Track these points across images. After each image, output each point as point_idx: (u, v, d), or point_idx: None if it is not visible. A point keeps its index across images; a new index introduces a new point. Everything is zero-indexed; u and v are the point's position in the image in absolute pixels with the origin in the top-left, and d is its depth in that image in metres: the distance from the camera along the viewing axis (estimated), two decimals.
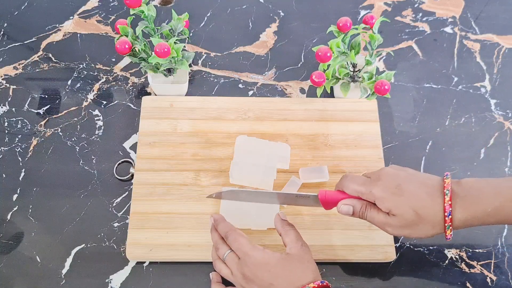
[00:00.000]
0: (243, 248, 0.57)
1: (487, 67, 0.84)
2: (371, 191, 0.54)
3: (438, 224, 0.52)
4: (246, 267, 0.56)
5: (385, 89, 0.70)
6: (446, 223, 0.52)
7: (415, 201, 0.52)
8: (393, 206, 0.53)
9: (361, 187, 0.55)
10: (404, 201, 0.52)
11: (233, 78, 0.82)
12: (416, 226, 0.53)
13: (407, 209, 0.52)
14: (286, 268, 0.55)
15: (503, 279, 0.66)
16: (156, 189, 0.69)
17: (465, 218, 0.51)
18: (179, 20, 0.73)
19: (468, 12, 0.91)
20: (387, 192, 0.53)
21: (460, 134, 0.78)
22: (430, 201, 0.52)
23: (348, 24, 0.72)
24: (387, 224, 0.54)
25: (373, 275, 0.66)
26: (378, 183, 0.55)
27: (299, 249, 0.57)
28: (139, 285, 0.65)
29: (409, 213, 0.52)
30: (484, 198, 0.51)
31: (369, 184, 0.55)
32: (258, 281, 0.55)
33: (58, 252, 0.67)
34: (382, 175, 0.55)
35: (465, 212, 0.51)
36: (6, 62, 0.82)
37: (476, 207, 0.51)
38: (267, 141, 0.72)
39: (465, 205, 0.51)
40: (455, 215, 0.51)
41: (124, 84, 0.81)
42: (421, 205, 0.52)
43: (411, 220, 0.53)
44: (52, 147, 0.75)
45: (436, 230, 0.53)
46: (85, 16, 0.88)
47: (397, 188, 0.53)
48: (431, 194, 0.53)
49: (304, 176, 0.70)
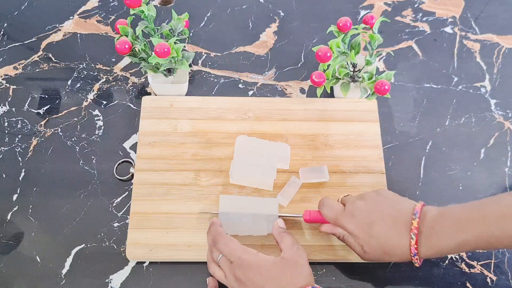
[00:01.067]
0: (234, 252, 0.57)
1: (487, 67, 0.84)
2: (345, 226, 0.59)
3: (405, 257, 0.57)
4: (239, 270, 0.56)
5: (385, 89, 0.70)
6: (412, 260, 0.56)
7: (384, 242, 0.56)
8: (364, 244, 0.57)
9: (337, 220, 0.60)
10: (374, 242, 0.57)
11: (233, 78, 0.82)
12: (385, 259, 0.58)
13: (377, 249, 0.57)
14: (279, 272, 0.55)
15: (503, 279, 0.66)
16: (156, 189, 0.69)
17: (430, 254, 0.55)
18: (179, 20, 0.73)
19: (468, 12, 0.91)
20: (360, 230, 0.57)
21: (460, 134, 0.78)
22: (397, 241, 0.56)
23: (348, 24, 0.72)
24: (361, 255, 0.59)
25: (373, 275, 0.66)
26: (352, 220, 0.58)
27: (294, 252, 0.58)
28: (139, 285, 0.65)
29: (379, 252, 0.57)
30: (446, 235, 0.54)
31: (343, 220, 0.59)
32: (250, 284, 0.55)
33: (58, 252, 0.67)
34: (355, 211, 0.58)
35: (430, 249, 0.55)
36: (6, 62, 0.82)
37: (440, 244, 0.54)
38: (267, 141, 0.72)
39: (429, 244, 0.55)
40: (421, 253, 0.55)
41: (124, 84, 0.81)
42: (390, 246, 0.56)
43: (380, 257, 0.58)
44: (52, 147, 0.75)
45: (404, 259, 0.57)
46: (85, 16, 0.88)
47: (368, 227, 0.57)
48: (399, 233, 0.56)
49: (304, 176, 0.70)
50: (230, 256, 0.57)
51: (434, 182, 0.73)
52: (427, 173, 0.74)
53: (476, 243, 0.53)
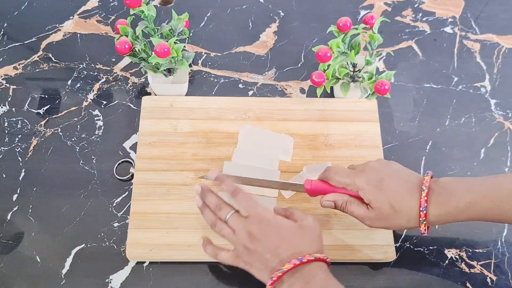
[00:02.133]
0: (255, 207, 0.57)
1: (487, 67, 0.84)
2: (355, 181, 0.58)
3: (413, 218, 0.56)
4: (255, 226, 0.55)
5: (385, 89, 0.70)
6: (420, 217, 0.55)
7: (393, 196, 0.56)
8: (373, 199, 0.57)
9: (345, 178, 0.59)
10: (384, 196, 0.56)
11: (233, 78, 0.82)
12: (391, 219, 0.57)
13: (385, 203, 0.56)
14: (296, 235, 0.56)
15: (503, 279, 0.66)
16: (156, 189, 0.69)
17: (438, 213, 0.55)
18: (179, 20, 0.73)
19: (468, 12, 0.91)
20: (370, 185, 0.57)
21: (460, 134, 0.78)
22: (407, 196, 0.56)
23: (348, 24, 0.72)
24: (365, 217, 0.58)
25: (373, 275, 0.66)
26: (362, 174, 0.58)
27: (311, 221, 0.57)
28: (139, 285, 0.65)
29: (386, 207, 0.56)
30: (457, 194, 0.55)
31: (353, 176, 0.59)
32: (266, 240, 0.55)
33: (58, 252, 0.67)
34: (366, 168, 0.59)
35: (439, 207, 0.55)
36: (6, 62, 0.82)
37: (449, 203, 0.55)
38: (271, 132, 0.72)
39: (439, 201, 0.55)
40: (429, 210, 0.55)
41: (124, 84, 0.81)
42: (398, 200, 0.56)
43: (387, 214, 0.56)
44: (52, 147, 0.75)
45: (411, 223, 0.56)
46: (85, 16, 0.88)
47: (379, 182, 0.57)
48: (410, 189, 0.56)
49: (309, 173, 0.70)
50: (248, 210, 0.57)
51: None
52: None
53: (484, 207, 0.54)
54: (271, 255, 0.54)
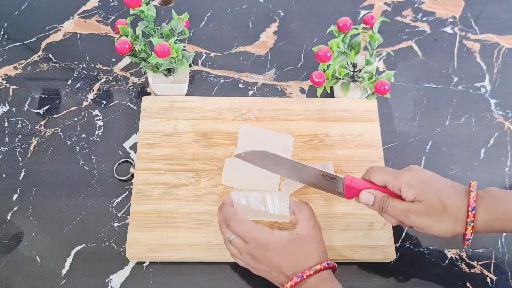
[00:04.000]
0: (249, 233, 0.57)
1: (487, 67, 0.84)
2: (399, 177, 0.56)
3: (460, 218, 0.54)
4: (255, 250, 0.56)
5: (385, 89, 0.70)
6: (468, 218, 0.53)
7: (441, 193, 0.54)
8: (419, 192, 0.54)
9: (389, 174, 0.57)
10: (431, 190, 0.54)
11: (233, 78, 0.82)
12: (439, 216, 0.54)
13: (433, 197, 0.54)
14: (295, 250, 0.56)
15: (503, 279, 0.66)
16: (156, 189, 0.69)
17: (487, 218, 0.53)
18: (179, 20, 0.73)
19: (468, 12, 0.91)
20: (416, 181, 0.55)
21: (460, 134, 0.78)
22: (455, 195, 0.54)
23: (348, 24, 0.72)
24: (410, 210, 0.55)
25: (373, 275, 0.66)
26: (407, 172, 0.56)
27: (309, 229, 0.57)
28: (139, 285, 0.65)
29: (435, 201, 0.54)
30: (506, 201, 0.54)
31: (398, 173, 0.57)
32: (267, 262, 0.56)
33: (58, 252, 0.67)
34: (411, 168, 0.57)
35: (488, 211, 0.53)
36: (6, 62, 0.82)
37: (499, 209, 0.53)
38: (271, 131, 0.72)
39: (488, 206, 0.53)
40: (478, 213, 0.53)
41: (124, 84, 0.81)
42: (447, 196, 0.54)
43: (435, 208, 0.54)
44: (52, 147, 0.75)
45: (457, 226, 0.54)
46: (85, 16, 0.88)
47: (425, 180, 0.55)
48: (457, 191, 0.55)
49: None
50: (245, 237, 0.57)
51: None
52: None
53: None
54: (277, 273, 0.56)
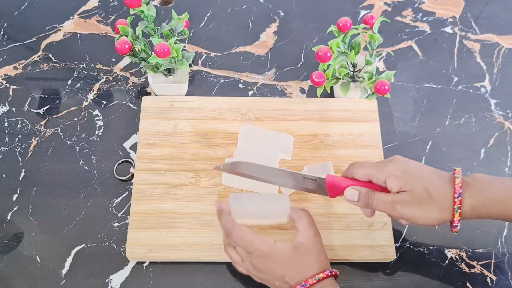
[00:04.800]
0: (251, 244, 0.56)
1: (487, 67, 0.84)
2: (382, 170, 0.55)
3: (447, 206, 0.53)
4: (257, 260, 0.56)
5: (385, 89, 0.70)
6: (455, 205, 0.53)
7: (426, 181, 0.54)
8: (404, 183, 0.53)
9: (371, 168, 0.56)
10: (416, 179, 0.54)
11: (233, 78, 0.82)
12: (425, 204, 0.53)
13: (418, 186, 0.53)
14: (297, 259, 0.56)
15: (503, 279, 0.66)
16: (156, 189, 0.69)
17: (473, 203, 0.53)
18: (179, 20, 0.73)
19: (468, 12, 0.91)
20: (399, 171, 0.54)
21: (460, 134, 0.78)
22: (440, 183, 0.54)
23: (348, 24, 0.72)
24: (396, 201, 0.54)
25: (373, 275, 0.66)
26: (389, 164, 0.56)
27: (311, 238, 0.57)
28: (139, 285, 0.65)
29: (420, 189, 0.53)
30: (491, 187, 0.53)
31: (380, 165, 0.56)
32: (270, 272, 0.56)
33: (58, 252, 0.67)
34: (393, 159, 0.57)
35: (474, 197, 0.53)
36: (6, 62, 0.82)
37: (485, 194, 0.53)
38: (271, 131, 0.72)
39: (473, 191, 0.53)
40: (464, 199, 0.53)
41: (124, 84, 0.81)
42: (432, 184, 0.53)
43: (421, 196, 0.53)
44: (52, 147, 0.75)
45: (444, 214, 0.53)
46: (85, 16, 0.88)
47: (409, 169, 0.55)
48: (442, 179, 0.54)
49: (309, 173, 0.70)
50: (247, 248, 0.57)
51: None
52: None
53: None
54: (280, 283, 0.56)
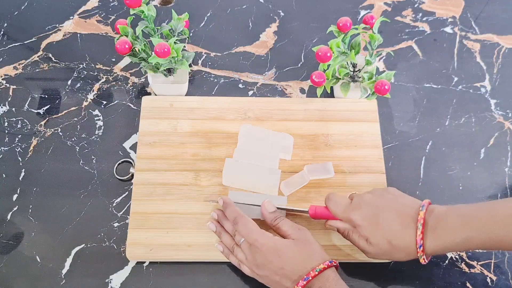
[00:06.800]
0: (252, 234, 0.59)
1: (487, 67, 0.84)
2: (350, 218, 0.59)
3: (411, 252, 0.56)
4: (257, 253, 0.58)
5: (385, 89, 0.70)
6: (418, 253, 0.56)
7: (389, 233, 0.57)
8: (370, 235, 0.57)
9: (342, 214, 0.60)
10: (380, 232, 0.57)
11: (233, 78, 0.82)
12: (391, 254, 0.57)
13: (382, 240, 0.57)
14: (295, 252, 0.58)
15: (503, 279, 0.66)
16: (156, 189, 0.69)
17: (434, 247, 0.55)
18: (179, 20, 0.73)
19: (468, 12, 0.91)
20: (365, 221, 0.58)
21: (460, 134, 0.78)
22: (403, 232, 0.56)
23: (348, 24, 0.72)
24: (365, 250, 0.59)
25: (373, 275, 0.66)
26: (357, 212, 0.59)
27: (300, 233, 0.60)
28: (139, 285, 0.65)
29: (384, 244, 0.57)
30: (452, 229, 0.54)
31: (349, 211, 0.59)
32: (270, 265, 0.58)
33: (58, 252, 0.67)
34: (361, 202, 0.59)
35: (435, 243, 0.55)
36: (6, 62, 0.82)
37: (446, 238, 0.55)
38: (271, 131, 0.72)
39: (435, 237, 0.55)
40: (426, 246, 0.55)
41: (124, 84, 0.81)
42: (394, 236, 0.56)
43: (386, 249, 0.57)
44: (52, 147, 0.75)
45: (411, 256, 0.57)
46: (85, 16, 0.88)
47: (374, 217, 0.58)
48: (405, 224, 0.56)
49: (309, 173, 0.70)
50: (248, 237, 0.59)
51: (434, 182, 0.73)
52: (427, 173, 0.74)
53: (481, 241, 0.53)
54: (280, 277, 0.57)
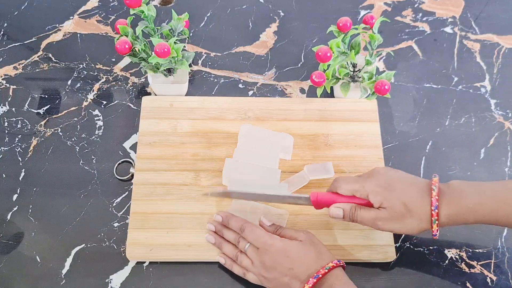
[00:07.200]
0: (261, 238, 0.60)
1: (487, 67, 0.84)
2: (364, 186, 0.59)
3: (425, 218, 0.56)
4: (266, 255, 0.59)
5: (385, 89, 0.70)
6: (432, 217, 0.56)
7: (404, 196, 0.57)
8: (384, 199, 0.57)
9: (354, 184, 0.60)
10: (395, 195, 0.57)
11: (233, 78, 0.82)
12: (404, 219, 0.57)
13: (397, 202, 0.57)
14: (304, 253, 0.59)
15: (503, 279, 0.66)
16: (156, 189, 0.69)
17: (449, 213, 0.56)
18: (179, 20, 0.73)
19: (468, 12, 0.91)
20: (380, 187, 0.58)
21: (460, 134, 0.78)
22: (418, 196, 0.57)
23: (348, 24, 0.72)
24: (377, 218, 0.58)
25: (373, 275, 0.66)
26: (370, 179, 0.59)
27: (306, 235, 0.61)
28: (139, 285, 0.65)
29: (399, 206, 0.57)
30: (466, 195, 0.56)
31: (362, 181, 0.60)
32: (279, 267, 0.58)
33: (58, 252, 0.67)
34: (374, 173, 0.60)
35: (449, 207, 0.56)
36: (6, 62, 0.82)
37: (459, 203, 0.56)
38: (271, 131, 0.72)
39: (449, 201, 0.56)
40: (441, 210, 0.56)
41: (124, 84, 0.81)
42: (410, 199, 0.57)
43: (400, 212, 0.57)
44: (52, 147, 0.75)
45: (423, 224, 0.57)
46: (85, 16, 0.88)
47: (388, 184, 0.58)
48: (420, 191, 0.57)
49: (309, 173, 0.70)
50: (256, 242, 0.60)
51: None
52: (427, 173, 0.74)
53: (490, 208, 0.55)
54: (290, 278, 0.58)
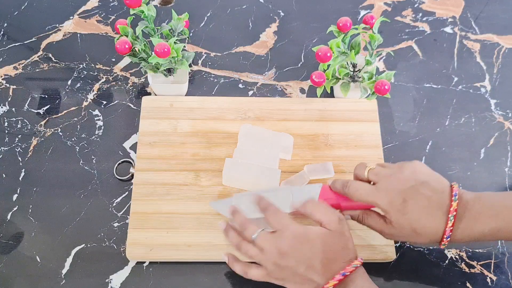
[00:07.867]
0: (283, 220, 0.56)
1: (487, 67, 0.84)
2: (376, 202, 0.56)
3: (435, 239, 0.55)
4: (284, 240, 0.54)
5: (385, 89, 0.70)
6: (443, 242, 0.55)
7: (416, 222, 0.55)
8: (394, 221, 0.55)
9: (367, 197, 0.57)
10: (406, 220, 0.55)
11: (233, 78, 0.82)
12: (411, 238, 0.56)
13: (407, 226, 0.55)
14: (326, 245, 0.54)
15: (503, 279, 0.66)
16: (156, 189, 0.69)
17: (461, 238, 0.55)
18: (179, 20, 0.73)
19: (468, 12, 0.91)
20: (392, 208, 0.55)
21: (460, 134, 0.78)
22: (431, 221, 0.54)
23: (348, 24, 0.72)
24: (384, 232, 0.58)
25: (373, 275, 0.66)
26: (384, 195, 0.56)
27: (338, 224, 0.55)
28: (139, 285, 0.65)
29: (407, 230, 0.55)
30: (483, 220, 0.54)
31: (374, 195, 0.56)
32: (296, 254, 0.53)
33: (58, 252, 0.67)
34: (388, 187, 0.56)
35: (463, 233, 0.54)
36: (6, 62, 0.82)
37: (475, 229, 0.54)
38: (271, 131, 0.72)
39: (464, 228, 0.54)
40: (454, 236, 0.54)
41: (124, 84, 0.81)
42: (421, 225, 0.55)
43: (407, 234, 0.56)
44: (52, 147, 0.75)
45: (432, 243, 0.56)
46: (85, 16, 0.88)
47: (402, 204, 0.55)
48: (434, 214, 0.54)
49: (309, 173, 0.70)
50: (277, 223, 0.56)
51: None
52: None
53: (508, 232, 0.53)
54: (306, 268, 0.53)
